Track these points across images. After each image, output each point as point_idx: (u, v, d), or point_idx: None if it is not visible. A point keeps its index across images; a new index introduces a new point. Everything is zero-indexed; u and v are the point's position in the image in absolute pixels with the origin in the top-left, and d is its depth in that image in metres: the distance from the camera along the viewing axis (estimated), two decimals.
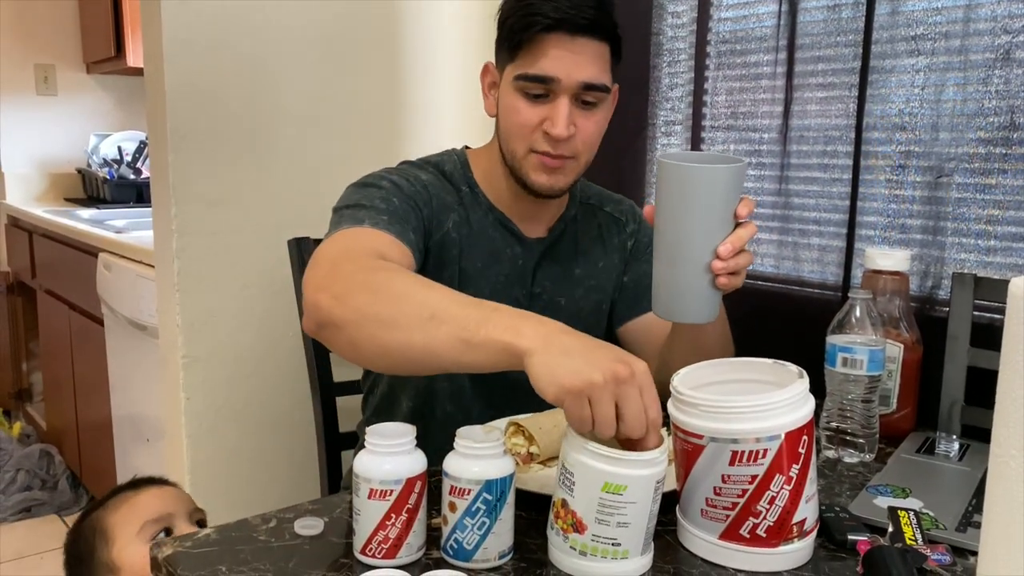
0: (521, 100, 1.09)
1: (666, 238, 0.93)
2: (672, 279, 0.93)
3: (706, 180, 0.89)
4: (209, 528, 0.85)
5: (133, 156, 3.21)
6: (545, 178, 1.12)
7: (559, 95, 1.08)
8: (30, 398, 3.31)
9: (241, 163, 1.59)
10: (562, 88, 1.07)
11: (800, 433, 0.77)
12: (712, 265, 0.91)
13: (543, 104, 1.09)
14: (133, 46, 2.88)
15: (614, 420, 0.74)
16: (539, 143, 1.10)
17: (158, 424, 1.94)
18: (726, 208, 0.91)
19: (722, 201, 0.90)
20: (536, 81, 1.07)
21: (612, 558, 0.76)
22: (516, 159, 1.13)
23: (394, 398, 1.25)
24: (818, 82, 1.38)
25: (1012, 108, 1.18)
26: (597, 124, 1.13)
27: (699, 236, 0.91)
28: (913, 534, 0.83)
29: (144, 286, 1.94)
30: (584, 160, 1.14)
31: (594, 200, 1.31)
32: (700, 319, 0.95)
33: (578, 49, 1.06)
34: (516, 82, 1.09)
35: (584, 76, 1.07)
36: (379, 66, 1.76)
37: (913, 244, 1.29)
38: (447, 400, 1.20)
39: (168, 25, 1.48)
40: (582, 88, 1.08)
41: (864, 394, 1.08)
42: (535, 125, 1.09)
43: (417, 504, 0.78)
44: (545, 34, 1.06)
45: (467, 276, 1.17)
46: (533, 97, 1.09)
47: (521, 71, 1.08)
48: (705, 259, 0.91)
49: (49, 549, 2.47)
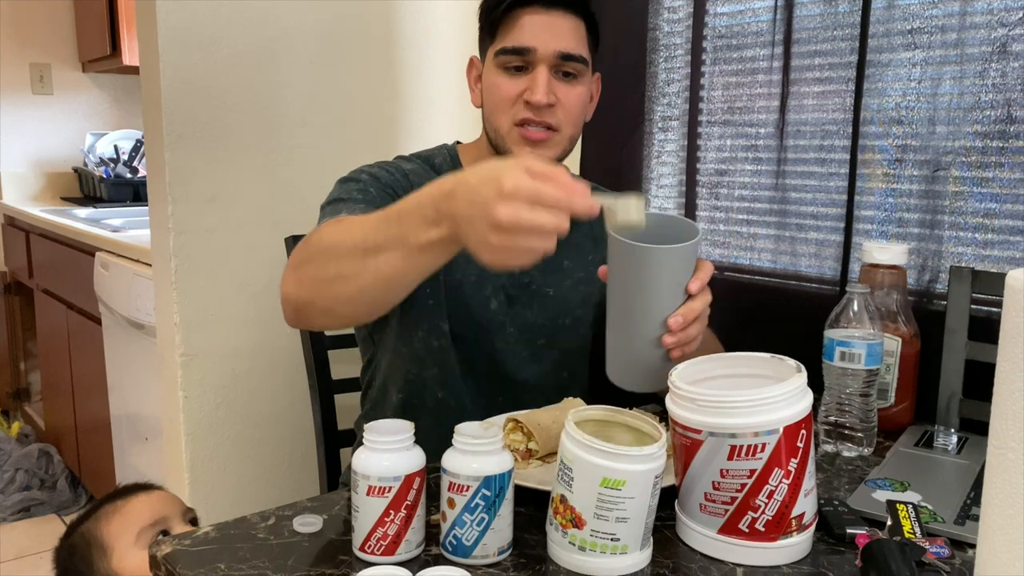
0: (501, 76, 1.13)
1: (618, 308, 0.90)
2: (624, 349, 0.91)
3: (656, 259, 0.86)
4: (208, 526, 0.85)
5: (130, 155, 3.20)
6: (528, 152, 1.13)
7: (537, 65, 1.11)
8: (28, 398, 3.31)
9: (238, 161, 1.59)
10: (539, 58, 1.10)
11: (798, 427, 0.77)
12: (663, 339, 0.88)
13: (523, 76, 1.12)
14: (129, 44, 2.88)
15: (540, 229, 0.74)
16: (520, 112, 1.12)
17: (157, 423, 1.94)
18: (677, 283, 0.88)
19: (673, 277, 0.87)
20: (514, 54, 1.11)
21: (611, 553, 0.76)
22: (500, 136, 1.15)
23: (385, 391, 1.25)
24: (815, 76, 1.38)
25: (1009, 101, 1.18)
26: (578, 96, 1.14)
27: (650, 311, 0.88)
28: (912, 527, 0.83)
29: (141, 285, 1.94)
30: (568, 134, 1.15)
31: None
32: (652, 388, 0.92)
33: (553, 21, 1.11)
34: (496, 58, 1.13)
35: (560, 46, 1.10)
36: (375, 62, 1.76)
37: (910, 238, 1.29)
38: (437, 387, 1.21)
39: (163, 23, 1.48)
40: (559, 58, 1.11)
41: (862, 388, 1.08)
42: (515, 97, 1.12)
43: (416, 500, 0.78)
44: (520, 8, 1.10)
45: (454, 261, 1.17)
46: (513, 70, 1.12)
47: (499, 46, 1.12)
48: (656, 332, 0.88)
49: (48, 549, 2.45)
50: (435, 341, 1.18)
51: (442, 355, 1.19)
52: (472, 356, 1.20)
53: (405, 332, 1.20)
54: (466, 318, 1.19)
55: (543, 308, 1.23)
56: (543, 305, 1.23)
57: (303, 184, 1.66)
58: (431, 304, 1.17)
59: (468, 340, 1.19)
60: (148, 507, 1.11)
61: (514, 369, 1.23)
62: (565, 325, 1.25)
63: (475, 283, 1.19)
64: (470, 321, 1.19)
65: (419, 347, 1.19)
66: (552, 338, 1.24)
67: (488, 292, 1.20)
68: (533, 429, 1.00)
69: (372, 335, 1.26)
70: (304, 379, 1.47)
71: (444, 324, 1.18)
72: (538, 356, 1.24)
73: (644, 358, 0.90)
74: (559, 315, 1.24)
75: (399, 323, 1.20)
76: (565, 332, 1.25)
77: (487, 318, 1.20)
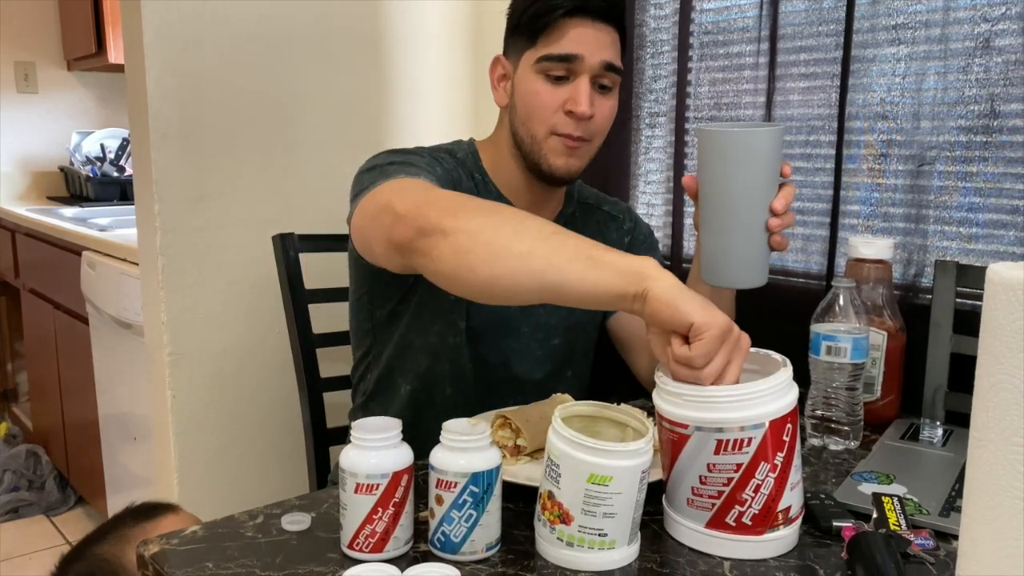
0: (542, 83, 1.12)
1: (716, 206, 0.93)
2: (727, 246, 0.94)
3: (751, 144, 0.90)
4: (196, 525, 0.85)
5: (116, 153, 3.19)
6: (563, 160, 1.14)
7: (580, 75, 1.11)
8: (16, 398, 3.29)
9: (224, 159, 1.58)
10: (584, 67, 1.10)
11: (784, 421, 0.78)
12: (769, 223, 0.92)
13: (563, 86, 1.12)
14: (114, 42, 2.86)
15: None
16: (561, 125, 1.12)
17: (145, 422, 1.93)
18: (775, 167, 0.92)
19: (773, 160, 0.92)
20: (560, 61, 1.10)
21: (599, 548, 0.76)
22: (536, 142, 1.14)
23: (392, 382, 1.25)
24: (800, 72, 1.39)
25: (992, 96, 1.19)
26: (611, 109, 1.16)
27: (751, 199, 0.92)
28: (897, 520, 0.84)
29: (129, 284, 1.93)
30: (596, 144, 1.16)
31: (591, 200, 1.33)
32: (757, 282, 0.96)
33: (598, 33, 1.11)
34: (538, 64, 1.12)
35: (605, 56, 1.11)
36: (363, 60, 1.76)
37: (896, 232, 1.30)
38: (447, 383, 1.21)
39: (148, 21, 1.47)
40: (603, 68, 1.11)
41: (848, 382, 1.09)
42: (557, 106, 1.12)
43: (404, 498, 0.78)
44: (567, 17, 1.10)
45: None
46: (554, 79, 1.12)
47: (544, 52, 1.11)
48: (759, 220, 0.92)
49: (37, 549, 2.46)
50: (451, 338, 1.19)
51: (456, 352, 1.19)
52: (486, 354, 1.21)
53: (421, 326, 1.20)
54: (484, 316, 1.19)
55: (557, 308, 1.23)
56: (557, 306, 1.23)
57: (290, 183, 1.66)
58: (452, 300, 1.17)
59: (484, 338, 1.20)
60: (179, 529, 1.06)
61: (526, 369, 1.24)
62: (575, 325, 1.27)
63: None
64: (487, 319, 1.19)
65: (435, 341, 1.19)
66: (564, 338, 1.26)
67: None
68: (521, 425, 1.00)
69: (377, 328, 1.26)
70: (292, 377, 1.47)
71: (461, 321, 1.18)
72: (549, 356, 1.26)
73: (749, 249, 0.94)
74: (570, 315, 1.25)
75: (413, 317, 1.20)
76: (575, 332, 1.27)
77: (504, 316, 1.21)
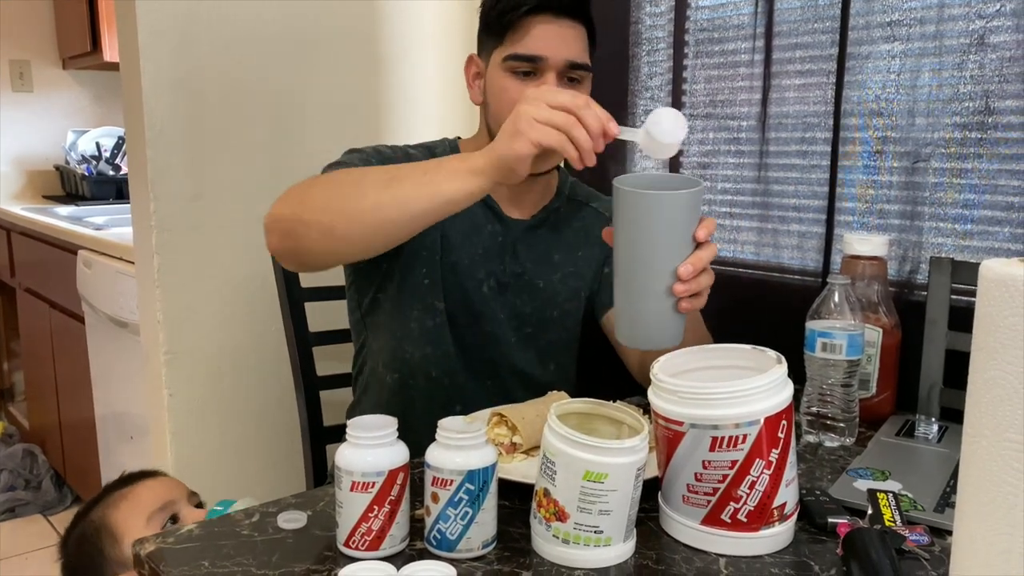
0: (510, 80, 1.14)
1: (625, 264, 0.90)
2: (634, 305, 0.90)
3: (664, 205, 0.86)
4: (191, 523, 0.85)
5: (112, 152, 3.18)
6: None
7: (546, 72, 1.12)
8: (12, 398, 3.28)
9: (220, 157, 1.58)
10: (549, 66, 1.12)
11: (779, 418, 0.78)
12: (674, 288, 0.87)
13: (531, 82, 1.13)
14: (109, 41, 2.85)
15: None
16: None
17: (142, 421, 1.93)
18: (685, 231, 0.88)
19: (680, 225, 0.87)
20: (525, 60, 1.12)
21: (595, 545, 0.76)
22: None
23: (378, 373, 1.26)
24: (796, 69, 1.39)
25: (987, 93, 1.19)
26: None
27: (659, 260, 0.87)
28: (892, 516, 0.84)
29: (125, 283, 1.93)
30: None
31: (582, 197, 1.34)
32: (664, 344, 0.91)
33: (562, 30, 1.12)
34: (505, 63, 1.13)
35: (570, 54, 1.12)
36: (358, 58, 1.75)
37: (891, 229, 1.30)
38: (431, 367, 1.22)
39: (143, 19, 1.47)
40: (568, 66, 1.12)
41: (844, 378, 1.09)
42: None
43: (400, 496, 0.78)
44: (531, 15, 1.11)
45: (449, 242, 1.21)
46: (522, 75, 1.13)
47: (510, 52, 1.13)
48: (666, 283, 0.87)
49: (34, 549, 2.45)
50: (429, 320, 1.21)
51: (436, 334, 1.21)
52: (465, 337, 1.23)
53: (399, 311, 1.21)
54: (460, 299, 1.21)
55: (532, 298, 1.25)
56: (532, 295, 1.25)
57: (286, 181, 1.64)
58: (426, 284, 1.20)
59: (461, 321, 1.22)
60: (155, 492, 1.11)
61: (503, 354, 1.25)
62: (553, 317, 1.27)
63: (469, 266, 1.21)
64: (464, 302, 1.21)
65: (414, 327, 1.21)
66: (539, 328, 1.26)
67: (481, 276, 1.22)
68: (517, 423, 1.00)
69: (365, 318, 1.27)
70: (289, 376, 1.47)
71: (440, 303, 1.20)
72: (525, 344, 1.26)
73: (655, 312, 0.89)
74: (547, 307, 1.26)
75: (393, 303, 1.22)
76: (552, 324, 1.27)
77: (479, 301, 1.22)
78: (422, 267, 1.19)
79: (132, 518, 1.07)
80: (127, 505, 1.09)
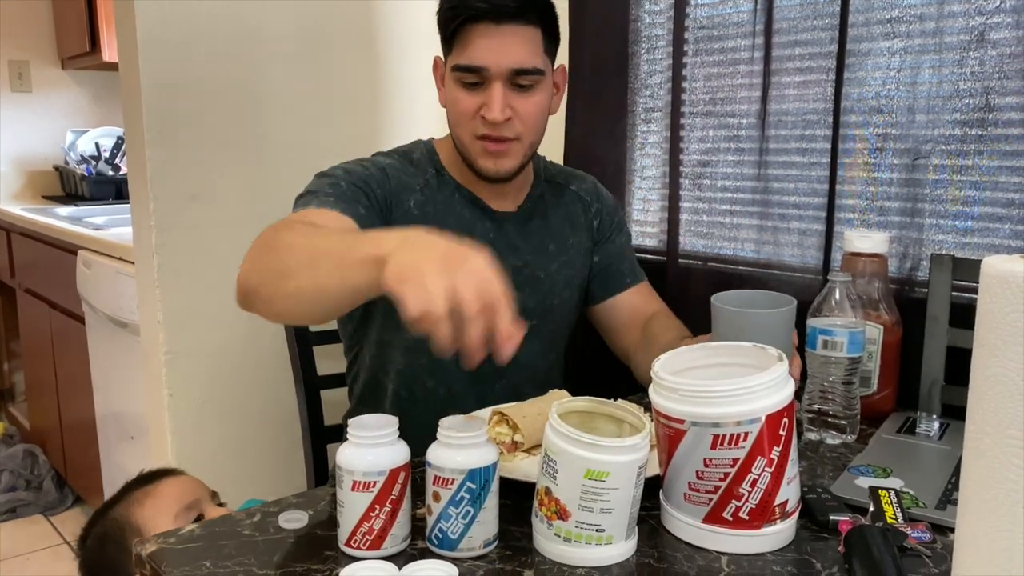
0: (460, 90, 1.14)
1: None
2: None
3: (765, 322, 0.98)
4: (192, 524, 0.85)
5: (111, 152, 3.18)
6: (491, 163, 1.15)
7: (492, 81, 1.11)
8: (12, 398, 3.28)
9: (219, 157, 1.58)
10: (493, 75, 1.11)
11: (780, 415, 0.78)
12: None
13: (479, 91, 1.12)
14: (108, 41, 2.85)
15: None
16: (479, 128, 1.13)
17: (142, 421, 1.93)
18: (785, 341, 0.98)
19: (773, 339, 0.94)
20: (467, 71, 1.11)
21: (596, 544, 0.76)
22: (464, 146, 1.17)
23: (376, 383, 1.26)
24: (795, 66, 1.39)
25: (987, 89, 1.19)
26: (536, 105, 1.15)
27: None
28: (894, 513, 0.84)
29: (124, 283, 1.93)
30: (528, 141, 1.17)
31: (559, 178, 1.34)
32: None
33: (505, 36, 1.10)
34: (453, 73, 1.14)
35: (512, 62, 1.10)
36: (355, 58, 1.75)
37: (892, 226, 1.30)
38: (428, 376, 1.22)
39: (142, 19, 1.47)
40: (513, 73, 1.11)
41: (845, 376, 1.09)
42: (474, 112, 1.13)
43: (401, 495, 0.78)
44: (472, 24, 1.10)
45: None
46: (470, 86, 1.13)
47: (455, 62, 1.13)
48: None
49: (35, 549, 2.45)
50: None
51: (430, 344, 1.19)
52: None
53: (393, 323, 1.20)
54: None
55: (534, 291, 1.25)
56: (534, 288, 1.25)
57: (285, 180, 1.65)
58: None
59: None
60: (180, 489, 1.11)
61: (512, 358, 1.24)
62: (553, 306, 1.28)
63: None
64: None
65: (408, 336, 1.20)
66: (543, 319, 1.27)
67: None
68: (518, 421, 1.00)
69: (357, 331, 1.27)
70: (289, 375, 1.46)
71: None
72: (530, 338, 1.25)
73: None
74: (548, 296, 1.27)
75: (384, 316, 1.21)
76: (553, 313, 1.28)
77: None
78: None
79: (159, 516, 1.07)
80: (152, 502, 1.09)
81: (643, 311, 1.31)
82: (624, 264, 1.35)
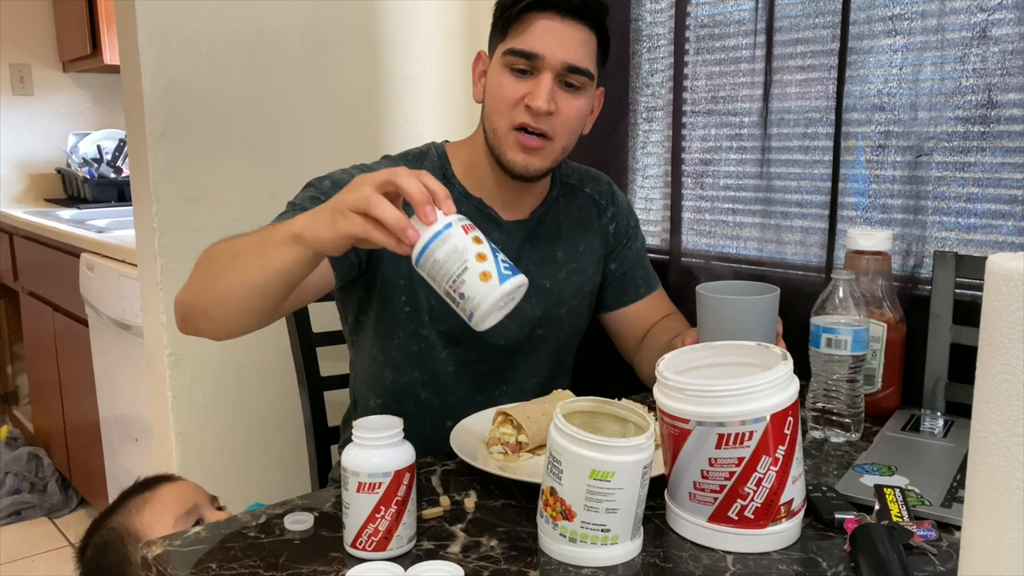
0: (507, 75, 1.11)
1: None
2: None
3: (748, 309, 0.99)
4: (198, 526, 0.85)
5: (113, 154, 3.18)
6: (521, 157, 1.12)
7: (542, 72, 1.09)
8: (16, 401, 3.29)
9: (221, 159, 1.58)
10: (546, 65, 1.09)
11: (785, 414, 0.78)
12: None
13: (527, 80, 1.10)
14: (109, 43, 2.85)
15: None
16: (519, 116, 1.10)
17: (146, 423, 1.93)
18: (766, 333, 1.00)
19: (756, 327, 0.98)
20: (522, 56, 1.09)
21: (602, 544, 0.76)
22: (497, 136, 1.13)
23: (365, 398, 1.26)
24: (797, 64, 1.39)
25: (989, 86, 1.19)
26: (578, 109, 1.13)
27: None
28: (899, 511, 0.84)
29: (128, 285, 1.93)
30: (561, 145, 1.14)
31: (574, 180, 1.31)
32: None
33: (566, 31, 1.09)
34: (503, 58, 1.11)
35: (568, 57, 1.09)
36: (358, 59, 1.75)
37: (894, 224, 1.30)
38: (420, 389, 1.21)
39: (143, 22, 1.47)
40: (566, 69, 1.09)
41: (849, 374, 1.09)
42: (517, 99, 1.10)
43: (406, 496, 0.78)
44: (536, 12, 1.09)
45: None
46: (519, 72, 1.10)
47: (509, 46, 1.10)
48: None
49: (40, 552, 2.46)
50: (414, 346, 1.18)
51: (422, 358, 1.19)
52: (468, 355, 1.20)
53: (381, 340, 1.20)
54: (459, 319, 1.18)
55: (540, 300, 1.23)
56: (540, 297, 1.23)
57: (287, 181, 1.65)
58: (407, 311, 1.17)
59: (462, 340, 1.18)
60: (178, 495, 1.11)
61: (513, 363, 1.24)
62: (560, 315, 1.26)
63: None
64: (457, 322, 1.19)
65: (396, 354, 1.19)
66: (549, 329, 1.25)
67: None
68: (523, 422, 1.00)
69: (352, 335, 1.26)
70: (293, 376, 1.47)
71: (423, 329, 1.17)
72: (536, 347, 1.25)
73: None
74: (555, 305, 1.25)
75: (375, 330, 1.20)
76: (560, 322, 1.26)
77: None
78: (400, 295, 1.16)
79: (159, 522, 1.06)
80: (151, 509, 1.09)
81: (653, 319, 1.31)
82: (639, 272, 1.33)
